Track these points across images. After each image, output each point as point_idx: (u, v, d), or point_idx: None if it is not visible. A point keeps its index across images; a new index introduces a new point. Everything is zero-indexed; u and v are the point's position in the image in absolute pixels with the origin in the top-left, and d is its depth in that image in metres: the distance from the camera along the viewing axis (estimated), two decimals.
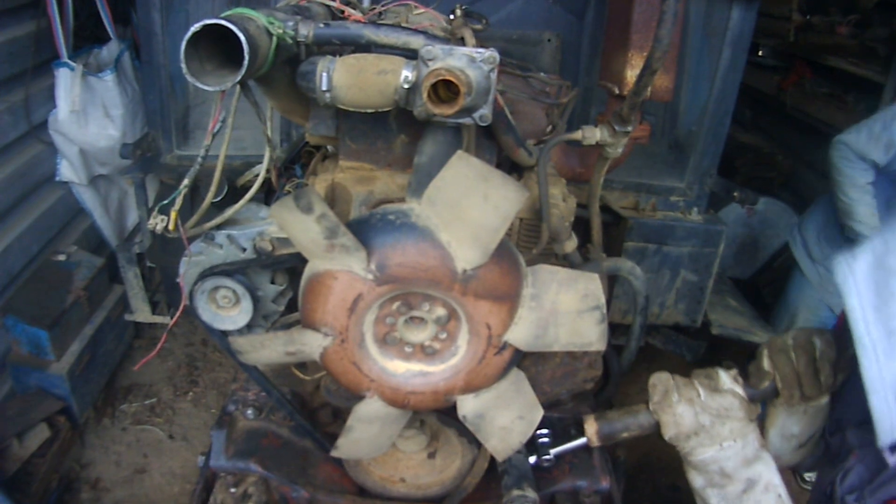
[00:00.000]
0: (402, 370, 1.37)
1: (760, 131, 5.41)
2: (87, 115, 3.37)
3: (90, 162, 3.57)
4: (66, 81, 3.27)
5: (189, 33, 1.11)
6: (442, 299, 1.30)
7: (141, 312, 3.64)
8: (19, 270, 3.27)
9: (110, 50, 3.58)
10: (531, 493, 1.51)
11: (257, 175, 1.63)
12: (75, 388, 3.24)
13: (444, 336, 1.34)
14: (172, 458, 3.41)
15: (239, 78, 1.14)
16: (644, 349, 1.90)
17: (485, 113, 1.26)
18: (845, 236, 3.03)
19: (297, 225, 1.22)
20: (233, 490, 1.82)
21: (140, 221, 3.37)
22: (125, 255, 3.45)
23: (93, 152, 3.50)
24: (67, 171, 3.54)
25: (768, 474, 1.44)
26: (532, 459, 1.63)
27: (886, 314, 1.14)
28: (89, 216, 3.80)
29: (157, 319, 3.67)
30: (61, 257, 3.44)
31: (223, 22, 1.10)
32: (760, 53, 5.46)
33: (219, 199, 1.61)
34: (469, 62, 1.22)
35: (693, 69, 2.85)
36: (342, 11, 1.57)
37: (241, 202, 1.55)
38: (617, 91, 1.77)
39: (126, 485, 3.24)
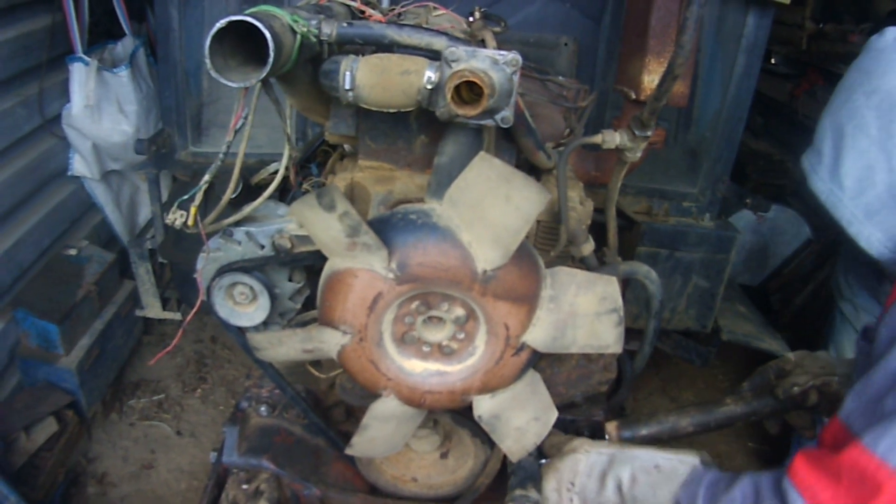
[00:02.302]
0: (419, 369, 1.37)
1: (772, 138, 5.40)
2: (100, 110, 3.38)
3: (103, 157, 3.58)
4: (81, 76, 3.28)
5: (214, 29, 1.11)
6: (461, 299, 1.30)
7: (151, 308, 3.65)
8: (30, 264, 3.29)
9: (125, 46, 3.60)
10: (534, 494, 1.51)
11: (273, 173, 1.63)
12: (84, 382, 3.25)
13: (462, 336, 1.34)
14: (180, 455, 3.41)
15: (263, 75, 1.15)
16: (653, 354, 1.91)
17: (506, 115, 1.26)
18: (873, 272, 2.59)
19: (319, 222, 1.23)
20: (245, 486, 1.82)
21: (152, 217, 3.38)
22: (136, 251, 3.46)
23: (106, 147, 3.51)
24: (80, 165, 3.55)
25: None
26: (544, 461, 1.63)
27: None
28: (101, 211, 3.81)
29: (168, 315, 3.68)
30: (72, 252, 3.45)
31: (249, 19, 1.11)
32: (773, 61, 5.45)
33: (234, 196, 1.61)
34: (492, 64, 1.22)
35: (707, 75, 2.85)
36: (363, 11, 1.58)
37: (260, 199, 1.55)
38: (633, 96, 1.77)
39: (133, 480, 3.25)
